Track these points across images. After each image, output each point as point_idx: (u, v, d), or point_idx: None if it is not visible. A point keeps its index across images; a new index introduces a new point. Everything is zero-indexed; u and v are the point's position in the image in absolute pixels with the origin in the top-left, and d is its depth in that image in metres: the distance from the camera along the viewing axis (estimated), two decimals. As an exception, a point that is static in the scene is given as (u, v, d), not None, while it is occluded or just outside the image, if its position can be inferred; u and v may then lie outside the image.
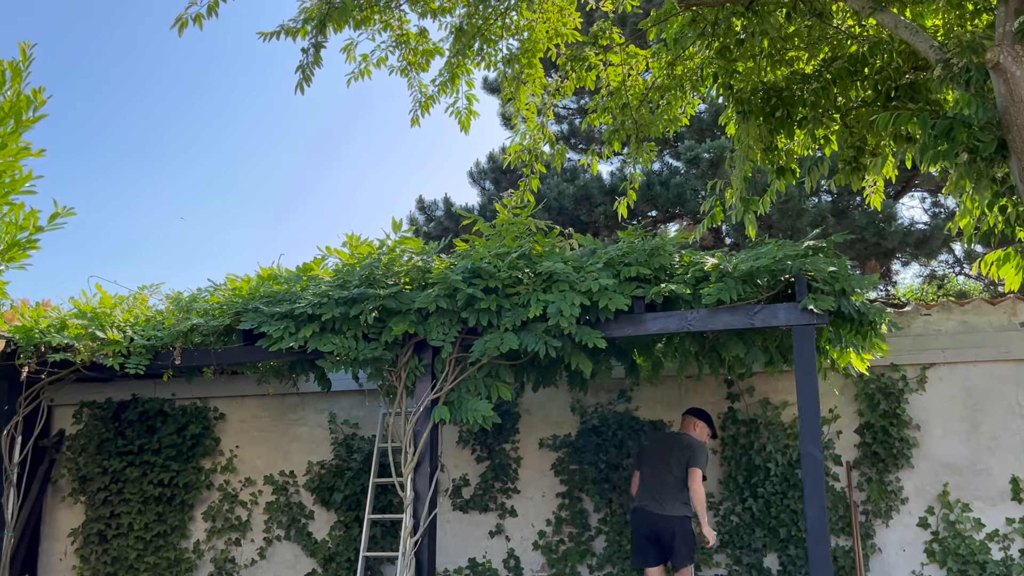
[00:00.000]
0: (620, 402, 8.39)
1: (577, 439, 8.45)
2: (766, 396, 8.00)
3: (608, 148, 7.42)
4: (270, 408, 9.40)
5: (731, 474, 7.96)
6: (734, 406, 8.09)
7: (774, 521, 7.73)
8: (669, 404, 8.31)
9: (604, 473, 8.27)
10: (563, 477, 8.46)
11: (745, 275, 5.44)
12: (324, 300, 6.00)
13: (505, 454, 8.66)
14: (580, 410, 8.51)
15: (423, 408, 6.02)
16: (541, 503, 8.51)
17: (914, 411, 7.60)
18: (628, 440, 8.24)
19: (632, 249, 5.75)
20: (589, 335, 5.58)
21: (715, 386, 8.24)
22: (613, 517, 8.19)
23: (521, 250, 5.81)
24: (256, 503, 9.20)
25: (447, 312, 5.89)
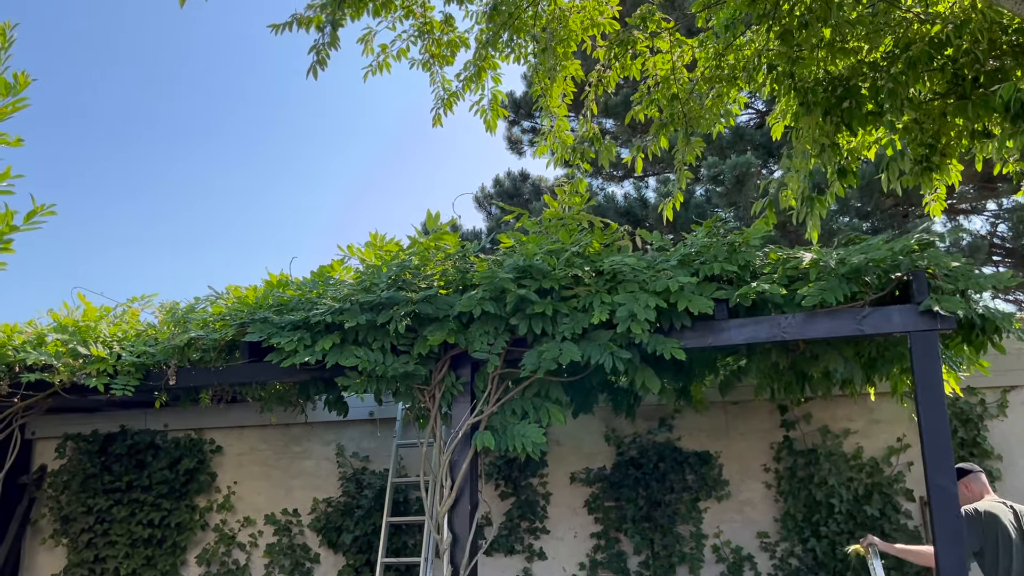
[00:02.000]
0: (661, 431, 7.14)
1: (613, 472, 7.19)
2: (825, 424, 6.78)
3: (654, 143, 6.26)
4: (271, 440, 8.07)
5: (789, 511, 6.70)
6: (789, 435, 6.87)
7: (840, 564, 6.47)
8: (715, 433, 7.07)
9: (645, 511, 6.99)
10: (598, 515, 7.17)
11: (852, 272, 4.27)
12: (346, 306, 4.77)
13: (532, 489, 7.37)
14: (616, 440, 7.26)
15: (462, 434, 4.78)
16: (574, 544, 7.21)
17: (995, 439, 6.41)
18: (671, 473, 6.99)
19: (710, 244, 4.59)
20: (664, 345, 4.38)
21: (766, 413, 7.01)
22: (656, 560, 6.89)
23: (578, 246, 4.63)
24: (256, 545, 7.84)
25: (493, 318, 4.66)
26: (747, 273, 4.54)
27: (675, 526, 6.87)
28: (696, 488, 6.91)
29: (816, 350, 4.91)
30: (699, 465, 6.92)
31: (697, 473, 6.93)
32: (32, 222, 4.70)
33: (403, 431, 7.64)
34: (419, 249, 4.92)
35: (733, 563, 6.74)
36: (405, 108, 41.76)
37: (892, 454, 6.55)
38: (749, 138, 10.70)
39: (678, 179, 6.27)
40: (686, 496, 6.93)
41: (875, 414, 6.66)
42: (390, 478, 7.18)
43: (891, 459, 6.55)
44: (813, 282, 4.35)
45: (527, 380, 4.70)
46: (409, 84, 44.08)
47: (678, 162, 6.25)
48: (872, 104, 5.96)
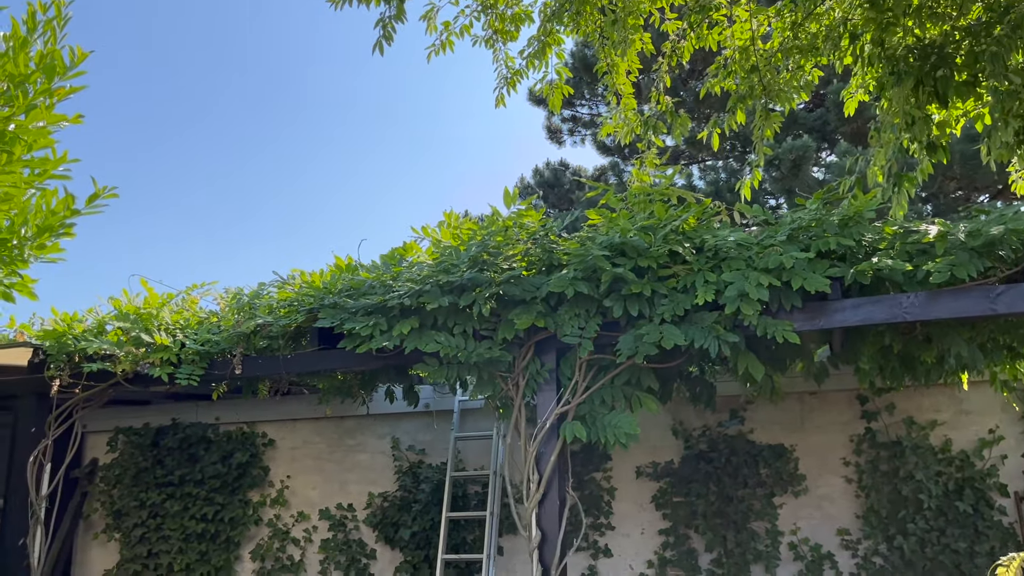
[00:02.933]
0: (732, 424, 6.65)
1: (682, 467, 6.70)
2: (910, 414, 6.27)
3: (731, 118, 5.78)
4: (325, 433, 7.64)
5: (872, 507, 6.19)
6: (871, 426, 6.36)
7: (929, 564, 5.96)
8: (790, 425, 6.57)
9: (716, 506, 6.49)
10: (666, 511, 6.68)
11: (985, 245, 3.78)
12: (426, 287, 4.32)
13: (596, 484, 6.89)
14: (683, 433, 6.77)
15: (549, 424, 4.32)
16: (640, 541, 6.73)
17: (1096, 432, 5.89)
18: (744, 468, 6.49)
19: (822, 218, 4.11)
20: (776, 327, 3.90)
21: (845, 403, 6.50)
22: (729, 558, 6.40)
23: (676, 221, 4.16)
24: (310, 540, 7.41)
25: (584, 300, 4.21)
26: (861, 249, 4.06)
27: (749, 522, 6.38)
28: (771, 483, 6.42)
29: (932, 332, 4.41)
30: (773, 459, 6.43)
31: (771, 467, 6.43)
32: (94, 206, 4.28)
33: (460, 423, 7.20)
34: (499, 227, 4.47)
35: (812, 561, 6.24)
36: (431, 100, 40.69)
37: (984, 447, 6.02)
38: (802, 121, 10.17)
39: (757, 155, 5.78)
40: (760, 491, 6.43)
41: (964, 404, 6.14)
42: (448, 472, 6.74)
43: (983, 452, 6.03)
44: (940, 257, 3.86)
45: (619, 367, 4.24)
46: (438, 73, 42.92)
47: (756, 137, 5.75)
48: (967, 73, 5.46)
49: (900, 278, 3.91)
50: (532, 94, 13.29)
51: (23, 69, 3.60)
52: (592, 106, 13.03)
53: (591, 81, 12.33)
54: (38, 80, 3.83)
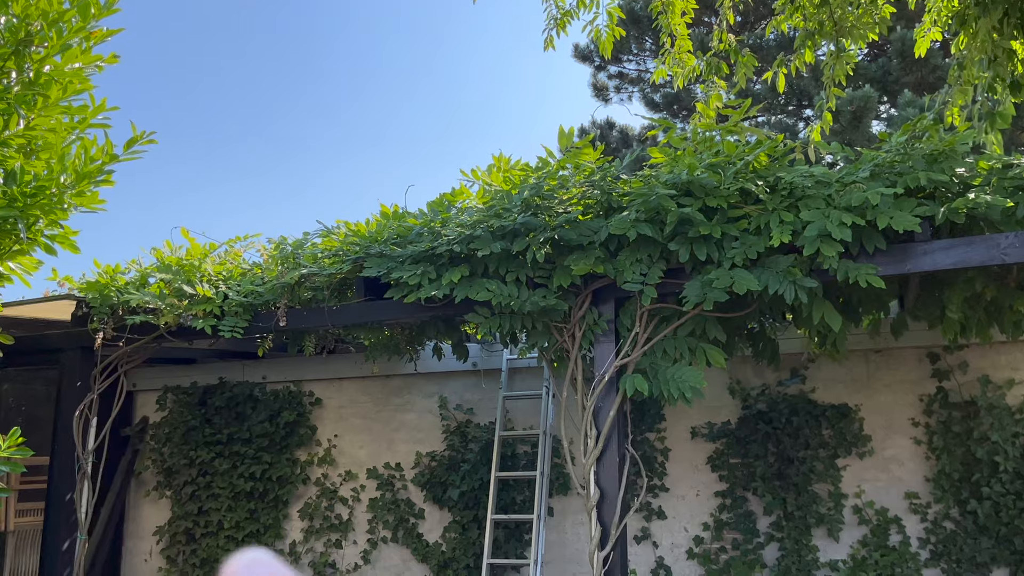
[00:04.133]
0: (792, 382, 6.24)
1: (739, 427, 6.31)
2: (985, 373, 5.80)
3: (799, 57, 5.30)
4: (371, 392, 7.39)
5: (943, 469, 5.75)
6: (943, 385, 5.91)
7: (1005, 529, 5.52)
8: (854, 384, 6.14)
9: (776, 467, 6.11)
10: (722, 472, 6.31)
11: (1100, 178, 3.33)
12: (476, 233, 3.98)
13: (649, 444, 6.54)
14: (741, 392, 6.37)
15: (608, 377, 3.97)
16: (695, 503, 6.38)
17: None
18: (805, 428, 6.09)
19: (908, 152, 3.67)
20: (859, 272, 3.49)
21: (914, 361, 6.04)
22: (789, 521, 6.02)
23: (748, 157, 3.75)
24: (358, 500, 7.18)
25: (647, 243, 3.82)
26: (953, 186, 3.62)
27: (810, 485, 5.98)
28: (834, 444, 6.00)
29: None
30: (837, 419, 6.01)
31: (835, 428, 6.01)
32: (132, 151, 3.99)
33: (508, 382, 6.88)
34: (554, 169, 4.09)
35: (878, 525, 5.84)
36: (473, 64, 39.98)
37: (1064, 408, 5.55)
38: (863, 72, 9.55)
39: (827, 98, 5.31)
40: (822, 453, 6.02)
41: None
42: (497, 431, 6.44)
43: (1061, 413, 5.55)
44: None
45: (685, 316, 3.86)
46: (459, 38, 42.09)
47: (827, 79, 5.27)
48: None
49: (998, 216, 3.46)
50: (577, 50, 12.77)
51: (57, 7, 3.29)
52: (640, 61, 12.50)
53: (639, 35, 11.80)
54: (72, 19, 3.52)
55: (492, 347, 6.95)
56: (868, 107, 8.86)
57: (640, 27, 11.55)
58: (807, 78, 9.75)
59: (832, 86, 5.41)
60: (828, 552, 5.88)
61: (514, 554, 6.54)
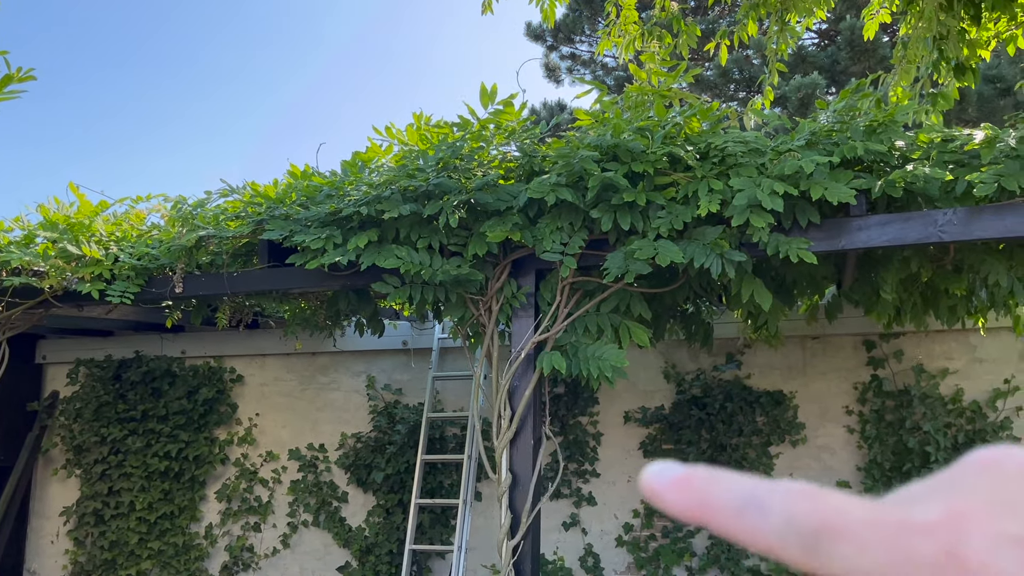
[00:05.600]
0: (728, 368, 5.98)
1: (673, 412, 6.04)
2: (919, 362, 5.60)
3: (742, 29, 5.01)
4: (296, 369, 6.98)
5: (875, 459, 5.54)
6: (878, 373, 5.70)
7: (935, 519, 5.33)
8: (790, 371, 5.90)
9: (708, 455, 5.85)
10: (655, 458, 6.06)
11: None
12: (385, 193, 3.61)
13: (581, 429, 6.25)
14: (676, 377, 6.10)
15: (524, 355, 3.64)
16: (627, 490, 6.10)
17: (1125, 383, 5.22)
18: (739, 415, 5.84)
19: (846, 121, 3.39)
20: (789, 245, 3.20)
21: (850, 349, 5.83)
22: (719, 509, 5.78)
23: (677, 119, 3.43)
24: (279, 481, 6.78)
25: (568, 210, 3.49)
26: (891, 158, 3.35)
27: (743, 472, 5.74)
28: (767, 431, 5.76)
29: (966, 259, 3.71)
30: (771, 406, 5.77)
31: (769, 415, 5.77)
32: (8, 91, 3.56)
33: (439, 363, 6.53)
34: (475, 129, 3.74)
35: (808, 515, 5.62)
36: (423, 40, 39.06)
37: (998, 397, 5.36)
38: (812, 59, 9.34)
39: (770, 73, 5.02)
40: (756, 440, 5.78)
41: (978, 352, 5.47)
42: (425, 413, 6.09)
43: (997, 403, 5.37)
44: (986, 166, 3.15)
45: (607, 290, 3.55)
46: None
47: (770, 52, 4.99)
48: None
49: (936, 192, 3.20)
50: (530, 28, 12.39)
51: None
52: (592, 43, 12.17)
53: (591, 16, 11.47)
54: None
55: (423, 325, 6.59)
56: (816, 94, 8.67)
57: (593, 7, 11.22)
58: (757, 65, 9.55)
59: (775, 60, 5.14)
60: (757, 542, 5.65)
61: (439, 539, 6.21)
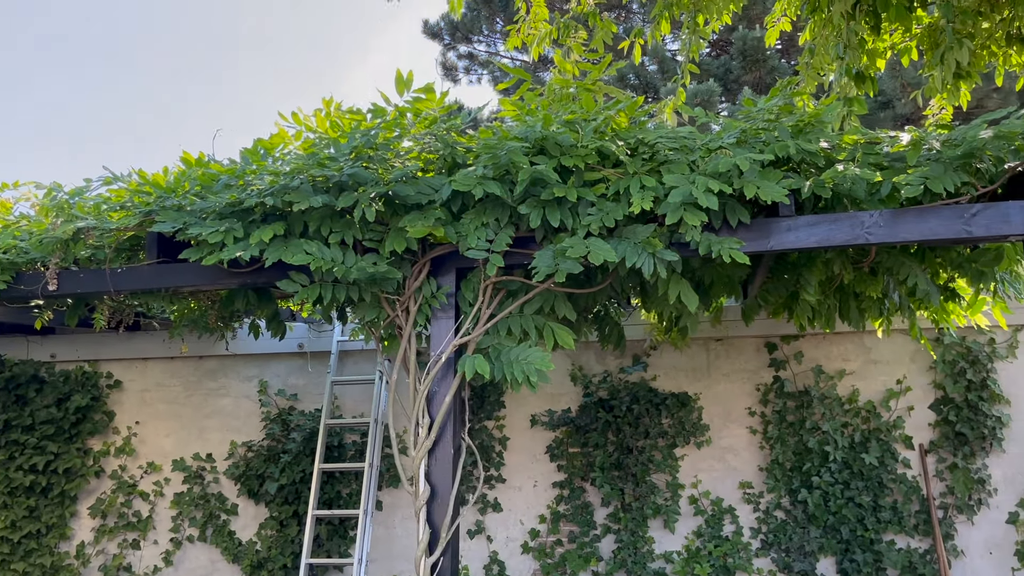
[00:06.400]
0: (635, 369, 5.90)
1: (580, 415, 5.91)
2: (818, 363, 5.69)
3: (655, 28, 4.93)
4: (181, 374, 6.45)
5: (777, 459, 5.57)
6: (780, 375, 5.75)
7: (832, 518, 5.40)
8: (695, 372, 5.87)
9: (615, 457, 5.75)
10: (561, 462, 5.89)
11: (964, 157, 3.08)
12: (294, 183, 3.28)
13: (487, 433, 6.03)
14: (583, 379, 5.97)
15: (445, 358, 3.38)
16: (533, 495, 5.93)
17: (1004, 383, 5.45)
18: (645, 417, 5.77)
19: (773, 120, 3.32)
20: (722, 245, 3.09)
21: (752, 350, 5.86)
22: (626, 512, 5.68)
23: (610, 111, 3.27)
24: (161, 495, 6.23)
25: (495, 205, 3.26)
26: (817, 159, 3.30)
27: (649, 475, 5.67)
28: (673, 433, 5.71)
29: (883, 263, 3.72)
30: (677, 408, 5.72)
31: (674, 417, 5.72)
32: None
33: (339, 366, 6.18)
34: (391, 117, 3.46)
35: (712, 516, 5.59)
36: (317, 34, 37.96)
37: (891, 397, 5.49)
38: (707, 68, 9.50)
39: (682, 74, 4.96)
40: (662, 442, 5.73)
41: (873, 353, 5.59)
42: (323, 419, 5.73)
43: (890, 403, 5.50)
44: (912, 169, 3.14)
45: (533, 290, 3.34)
46: None
47: (683, 51, 4.93)
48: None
49: (862, 194, 3.17)
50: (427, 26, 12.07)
51: None
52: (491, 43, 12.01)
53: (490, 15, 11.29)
54: None
55: (321, 327, 6.22)
56: (711, 100, 8.81)
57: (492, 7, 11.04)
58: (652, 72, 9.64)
59: (688, 61, 5.08)
60: (664, 543, 5.59)
61: (337, 552, 5.85)
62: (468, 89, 13.81)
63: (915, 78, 9.58)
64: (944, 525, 5.24)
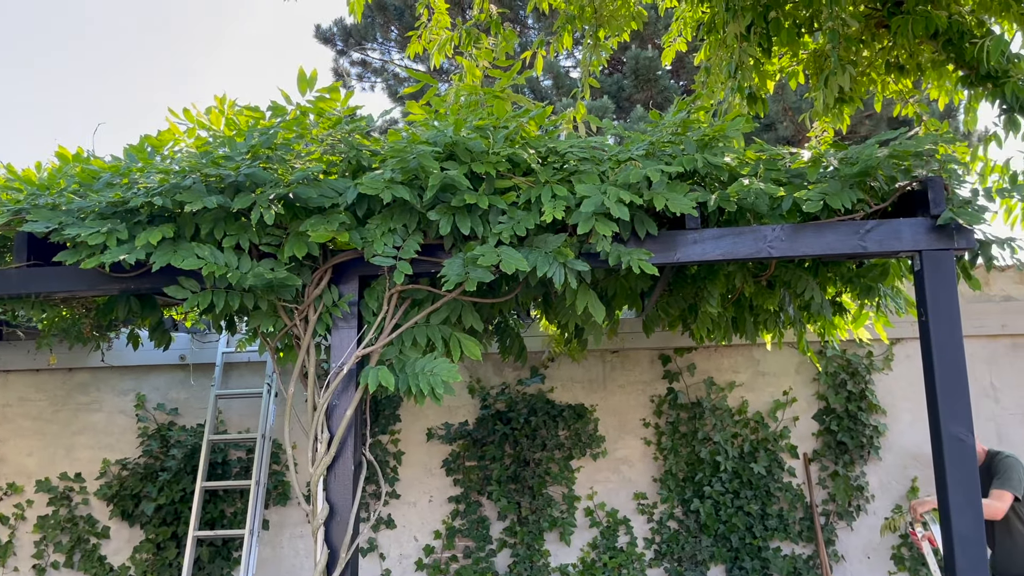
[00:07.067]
0: (533, 381, 5.85)
1: (477, 428, 5.81)
2: (710, 375, 5.80)
3: (558, 41, 4.92)
4: (47, 388, 5.94)
5: (670, 470, 5.63)
6: (673, 386, 5.82)
7: (723, 527, 5.50)
8: (591, 384, 5.88)
9: (512, 471, 5.67)
10: (457, 476, 5.76)
11: (860, 175, 3.17)
12: (186, 182, 3.04)
13: (381, 448, 5.84)
14: (481, 392, 5.88)
15: (347, 370, 3.20)
16: (428, 510, 5.77)
17: (880, 394, 5.71)
18: (543, 429, 5.72)
19: (680, 133, 3.33)
20: (631, 256, 3.06)
21: (648, 362, 5.91)
22: (523, 526, 5.61)
23: (522, 119, 3.19)
24: (23, 518, 5.71)
25: (403, 211, 3.12)
26: (723, 173, 3.34)
27: (545, 487, 5.62)
28: (570, 445, 5.70)
29: (781, 276, 3.81)
30: (573, 419, 5.71)
31: (571, 428, 5.71)
32: None
33: (224, 379, 5.86)
34: (292, 117, 3.28)
35: (607, 527, 5.60)
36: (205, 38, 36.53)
37: (778, 408, 5.67)
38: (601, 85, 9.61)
39: (583, 87, 4.97)
40: (558, 454, 5.70)
41: (761, 365, 5.76)
42: (206, 435, 5.40)
43: (776, 414, 5.67)
44: (813, 185, 3.22)
45: (440, 300, 3.23)
46: None
47: (584, 66, 4.95)
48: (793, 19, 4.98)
49: (765, 208, 3.23)
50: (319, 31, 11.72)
51: None
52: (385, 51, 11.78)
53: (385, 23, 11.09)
54: None
55: (205, 337, 5.88)
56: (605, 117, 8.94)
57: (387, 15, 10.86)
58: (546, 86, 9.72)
59: (588, 76, 5.10)
60: (560, 556, 5.55)
61: (219, 575, 5.52)
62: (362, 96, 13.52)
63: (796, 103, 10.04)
64: (826, 531, 5.42)
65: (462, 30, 4.69)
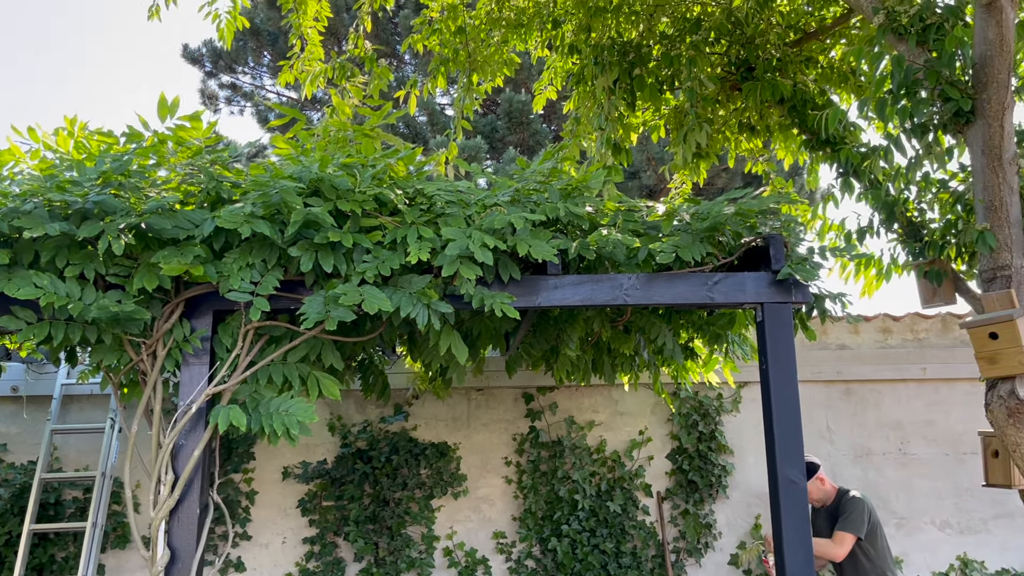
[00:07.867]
0: (396, 419, 5.79)
1: (336, 467, 5.67)
2: (571, 414, 5.92)
3: (432, 82, 4.98)
4: None
5: (529, 508, 5.69)
6: (535, 425, 5.90)
7: (579, 565, 5.59)
8: (456, 422, 5.88)
9: (371, 510, 5.56)
10: (313, 517, 5.59)
11: (710, 229, 3.35)
12: (27, 207, 2.84)
13: (233, 487, 5.60)
14: (342, 429, 5.75)
15: (196, 408, 3.06)
16: (280, 552, 5.56)
17: (729, 434, 5.99)
18: (404, 467, 5.66)
19: (544, 182, 3.42)
20: (494, 299, 3.09)
21: (511, 401, 5.97)
22: (379, 568, 5.49)
23: (391, 159, 3.18)
24: None
25: (263, 245, 3.03)
26: (584, 222, 3.46)
27: (404, 527, 5.55)
28: (431, 484, 5.66)
29: (636, 322, 3.96)
30: (436, 458, 5.68)
31: (433, 467, 5.68)
32: None
33: (61, 413, 5.48)
34: (148, 144, 3.14)
35: (466, 567, 5.58)
36: None
37: (634, 447, 5.85)
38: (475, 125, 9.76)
39: (456, 129, 5.04)
40: (419, 493, 5.65)
41: (619, 405, 5.94)
42: (38, 473, 5.02)
43: (632, 453, 5.85)
44: (666, 237, 3.38)
45: (299, 337, 3.15)
46: None
47: (457, 108, 5.02)
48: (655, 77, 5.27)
49: (622, 257, 3.36)
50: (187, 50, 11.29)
51: None
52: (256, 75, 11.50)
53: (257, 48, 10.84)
54: None
55: (43, 368, 5.49)
56: (479, 156, 9.08)
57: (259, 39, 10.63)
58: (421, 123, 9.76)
59: (461, 118, 5.18)
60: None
61: (46, 627, 5.11)
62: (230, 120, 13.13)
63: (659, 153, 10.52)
64: (676, 568, 5.61)
65: (336, 63, 4.66)
